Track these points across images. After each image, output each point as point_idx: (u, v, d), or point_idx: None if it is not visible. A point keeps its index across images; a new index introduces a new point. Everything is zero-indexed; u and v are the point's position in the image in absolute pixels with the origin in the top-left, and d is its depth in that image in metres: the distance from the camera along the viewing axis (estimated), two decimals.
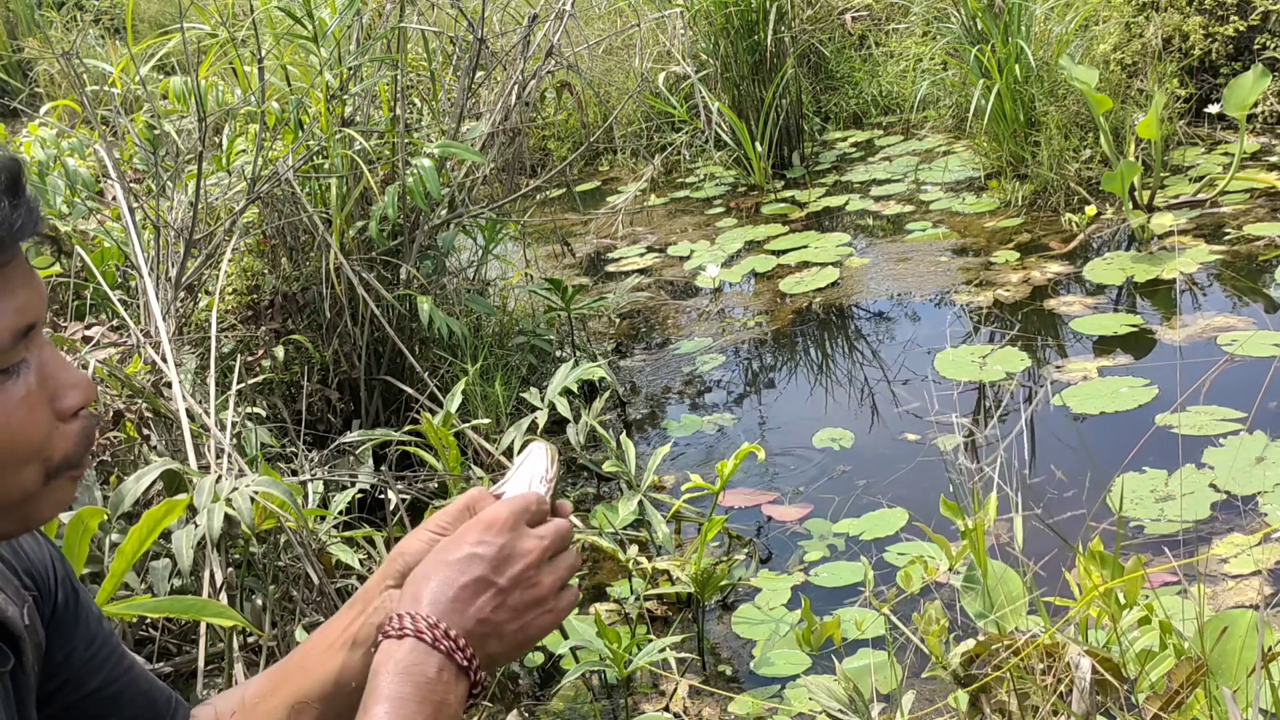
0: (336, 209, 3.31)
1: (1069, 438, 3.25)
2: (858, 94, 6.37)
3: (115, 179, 3.20)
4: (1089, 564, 1.79)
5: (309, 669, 1.10)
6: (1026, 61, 4.71)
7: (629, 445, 2.92)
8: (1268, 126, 4.93)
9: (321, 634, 1.11)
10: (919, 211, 5.07)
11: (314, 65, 3.24)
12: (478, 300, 3.69)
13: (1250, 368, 3.33)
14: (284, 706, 1.10)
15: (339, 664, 1.08)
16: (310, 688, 1.09)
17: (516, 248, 4.80)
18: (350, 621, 1.09)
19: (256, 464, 2.60)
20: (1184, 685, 1.51)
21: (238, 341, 3.44)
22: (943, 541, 2.29)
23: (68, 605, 1.06)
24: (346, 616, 1.09)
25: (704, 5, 5.67)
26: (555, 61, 3.83)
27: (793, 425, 3.68)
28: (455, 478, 2.77)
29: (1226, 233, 4.21)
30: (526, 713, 2.57)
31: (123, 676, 1.10)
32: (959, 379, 3.64)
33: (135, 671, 1.12)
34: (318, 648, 1.10)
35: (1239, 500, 2.81)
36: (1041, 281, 4.19)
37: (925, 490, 3.11)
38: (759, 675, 2.62)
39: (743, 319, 4.45)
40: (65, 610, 1.06)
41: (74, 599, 1.07)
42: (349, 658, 1.08)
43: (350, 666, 1.07)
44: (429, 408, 3.22)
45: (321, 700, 1.09)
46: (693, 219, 5.58)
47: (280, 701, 1.10)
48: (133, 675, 1.11)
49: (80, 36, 6.68)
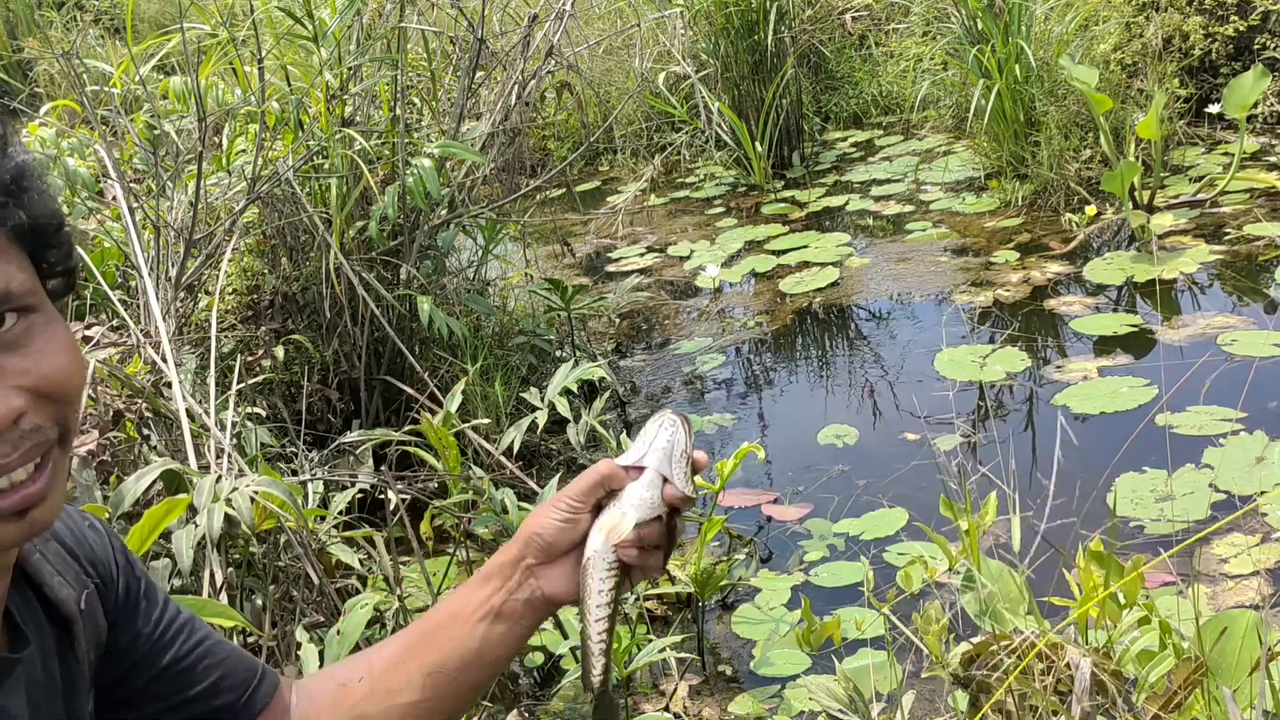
0: (336, 209, 3.31)
1: (1069, 438, 3.25)
2: (858, 94, 6.37)
3: (115, 179, 3.20)
4: (1088, 564, 1.79)
5: (444, 639, 1.13)
6: (1026, 61, 4.71)
7: (629, 445, 2.91)
8: (1268, 126, 4.93)
9: (452, 605, 1.14)
10: (919, 211, 5.07)
11: (314, 65, 3.24)
12: (478, 300, 3.69)
13: (1251, 368, 3.33)
14: (419, 674, 1.13)
15: (479, 635, 1.12)
16: (448, 657, 1.13)
17: (516, 248, 4.79)
18: (489, 595, 1.12)
19: (256, 464, 2.60)
20: (1183, 685, 1.51)
21: (238, 341, 3.44)
22: (942, 541, 2.29)
23: (129, 592, 1.08)
24: (482, 590, 1.13)
25: (704, 5, 5.67)
26: (555, 61, 3.83)
27: (793, 425, 3.68)
28: (455, 478, 2.77)
29: (1226, 233, 4.21)
30: (526, 713, 2.57)
31: (194, 651, 1.11)
32: (959, 379, 3.64)
33: (209, 645, 1.12)
34: (454, 619, 1.13)
35: (1239, 500, 2.81)
36: (1041, 281, 4.19)
37: (925, 490, 3.11)
38: (759, 675, 2.62)
39: (743, 319, 4.45)
40: (128, 597, 1.07)
41: (137, 585, 1.09)
42: (490, 630, 1.12)
43: (492, 639, 1.12)
44: (429, 408, 3.22)
45: (460, 669, 1.13)
46: (693, 219, 5.58)
47: (415, 669, 1.13)
48: (206, 649, 1.12)
49: (80, 36, 6.68)
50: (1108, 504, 2.85)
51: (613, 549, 1.10)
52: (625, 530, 1.10)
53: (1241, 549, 2.66)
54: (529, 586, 1.12)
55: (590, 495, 1.12)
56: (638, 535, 1.11)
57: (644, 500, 1.12)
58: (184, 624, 1.12)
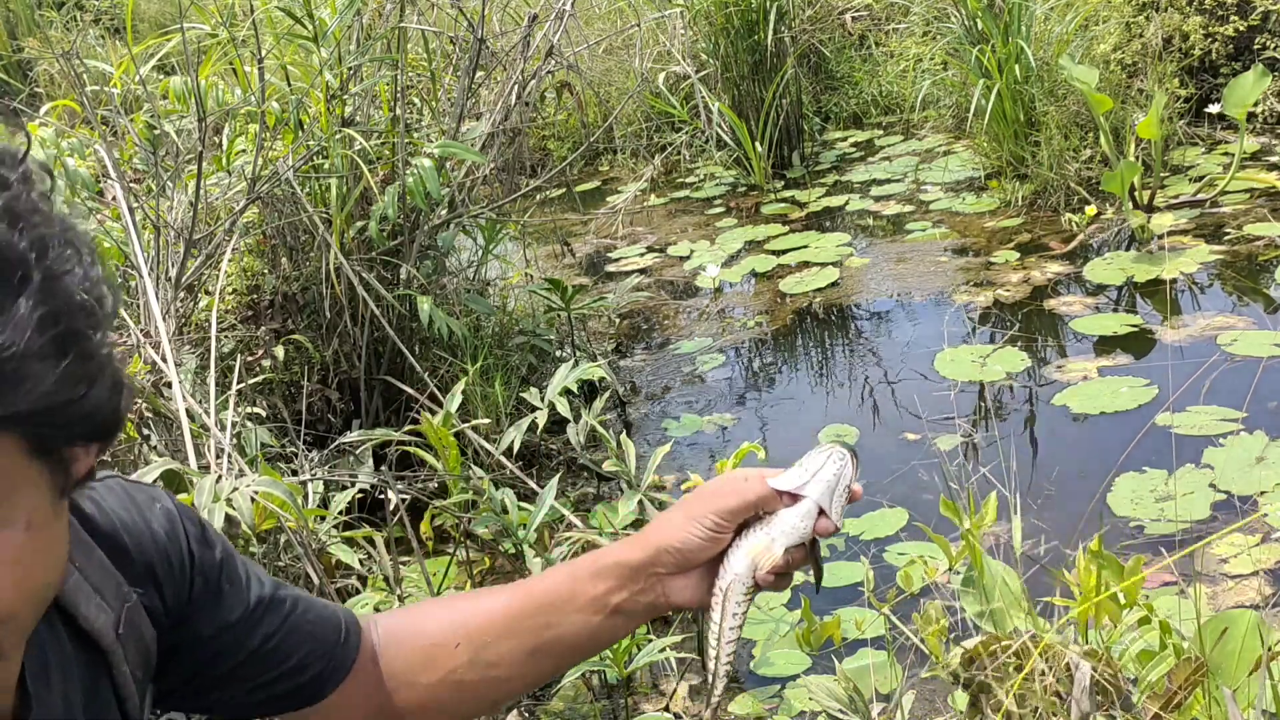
0: (336, 209, 3.31)
1: (1069, 438, 3.25)
2: (858, 94, 6.37)
3: (115, 179, 3.20)
4: (1088, 564, 1.79)
5: (554, 623, 1.13)
6: (1026, 61, 4.71)
7: (629, 445, 2.92)
8: (1268, 126, 4.93)
9: (558, 588, 1.14)
10: (919, 211, 5.07)
11: (314, 65, 3.24)
12: (478, 300, 3.69)
13: (1251, 367, 3.33)
14: (522, 652, 1.14)
15: (594, 626, 1.13)
16: (559, 640, 1.14)
17: (516, 248, 4.79)
18: (607, 592, 1.12)
19: (256, 464, 2.60)
20: (1184, 685, 1.51)
21: (238, 341, 3.44)
22: (942, 542, 2.29)
23: (207, 582, 1.04)
24: (597, 584, 1.12)
25: (704, 5, 5.67)
26: (555, 61, 3.83)
27: (793, 425, 3.68)
28: (455, 478, 2.77)
29: (1226, 233, 4.21)
30: (526, 713, 2.57)
31: (283, 627, 1.08)
32: (959, 379, 3.64)
33: (297, 617, 1.10)
34: (564, 604, 1.13)
35: (1238, 500, 2.81)
36: (1041, 281, 4.19)
37: (925, 490, 3.11)
38: (759, 675, 2.62)
39: (743, 319, 4.45)
40: (206, 587, 1.04)
41: (216, 572, 1.05)
42: (606, 623, 1.13)
43: (604, 631, 1.14)
44: (429, 408, 3.22)
45: (567, 653, 1.15)
46: (693, 219, 5.58)
47: (518, 647, 1.13)
48: (295, 622, 1.09)
49: (80, 36, 6.68)
50: (1108, 504, 2.85)
51: (753, 574, 1.10)
52: (775, 557, 1.09)
53: (1241, 549, 2.66)
54: (655, 592, 1.12)
55: (740, 516, 1.10)
56: (785, 563, 1.10)
57: (795, 529, 1.10)
58: (272, 603, 1.08)
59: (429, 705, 1.16)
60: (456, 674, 1.13)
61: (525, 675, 1.15)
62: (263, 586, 1.09)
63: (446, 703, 1.16)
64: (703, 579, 1.12)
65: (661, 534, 1.11)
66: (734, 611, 1.11)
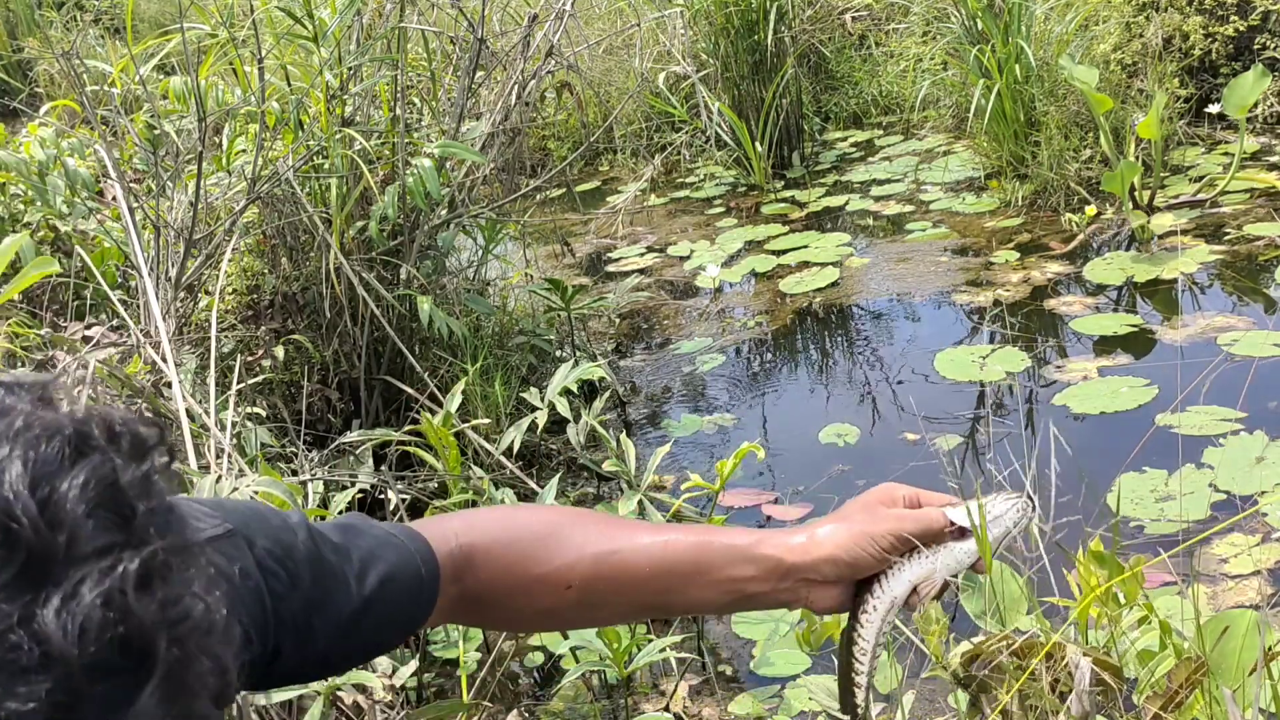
0: (336, 209, 3.31)
1: (1069, 438, 3.25)
2: (858, 94, 6.37)
3: (115, 179, 3.21)
4: (1088, 564, 1.79)
5: (679, 590, 1.10)
6: (1026, 61, 4.71)
7: (629, 445, 2.92)
8: (1268, 126, 4.93)
9: (700, 556, 1.10)
10: (919, 211, 5.07)
11: (314, 65, 3.24)
12: (478, 300, 3.69)
13: (1251, 367, 3.33)
14: (634, 607, 1.13)
15: (716, 603, 1.12)
16: (672, 605, 1.14)
17: (516, 248, 4.79)
18: (747, 579, 1.09)
19: (256, 464, 2.60)
20: (1184, 685, 1.51)
21: (238, 341, 3.44)
22: None
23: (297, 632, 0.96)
24: (740, 567, 1.09)
25: (704, 5, 5.67)
26: (555, 61, 3.83)
27: (793, 425, 3.68)
28: (455, 478, 2.77)
29: (1226, 233, 4.21)
30: (526, 713, 2.57)
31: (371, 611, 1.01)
32: (959, 379, 3.64)
33: (383, 606, 1.01)
34: (699, 574, 1.09)
35: (1239, 500, 2.81)
36: (1041, 281, 4.19)
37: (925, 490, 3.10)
38: (759, 675, 2.62)
39: (743, 319, 4.45)
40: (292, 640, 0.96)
41: (305, 616, 0.96)
42: (729, 602, 1.11)
43: (724, 608, 1.12)
44: (429, 408, 3.22)
45: (675, 615, 1.16)
46: (693, 219, 5.58)
47: (632, 601, 1.12)
48: (382, 596, 1.01)
49: (80, 36, 6.68)
50: (1109, 504, 2.85)
51: (906, 599, 1.11)
52: (934, 588, 1.11)
53: (1241, 549, 2.66)
54: (796, 593, 1.11)
55: (909, 543, 1.10)
56: (939, 592, 1.12)
57: (959, 564, 1.12)
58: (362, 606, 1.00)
59: (509, 618, 1.13)
60: (556, 609, 1.10)
61: (623, 619, 1.14)
62: (350, 588, 1.00)
63: (529, 621, 1.14)
64: (847, 590, 1.12)
65: (831, 544, 1.09)
66: (879, 629, 1.12)
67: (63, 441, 0.58)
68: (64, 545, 0.55)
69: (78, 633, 0.53)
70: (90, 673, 0.54)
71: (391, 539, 1.07)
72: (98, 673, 0.54)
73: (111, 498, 0.58)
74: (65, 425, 0.59)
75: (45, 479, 0.57)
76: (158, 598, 0.57)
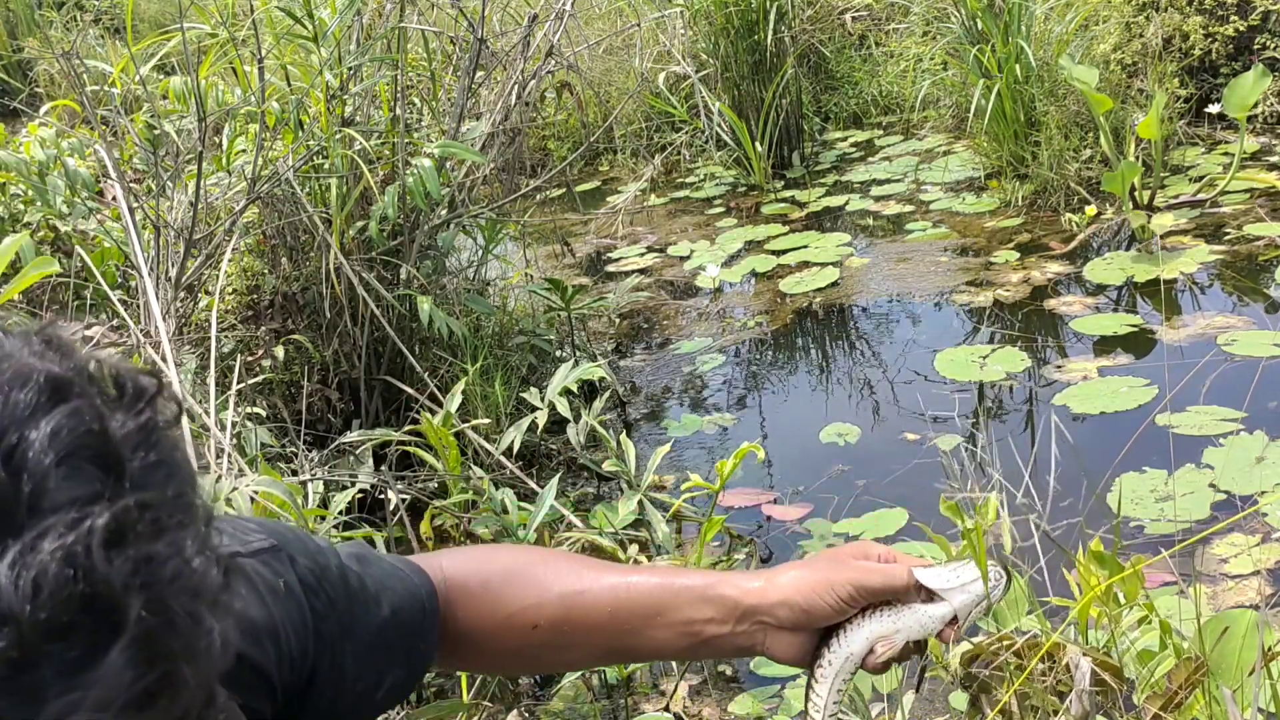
0: (336, 209, 3.31)
1: (1069, 438, 3.25)
2: (858, 94, 6.37)
3: (115, 179, 3.21)
4: (1088, 564, 1.79)
5: (639, 631, 1.08)
6: (1026, 61, 4.71)
7: (629, 445, 2.92)
8: (1268, 126, 4.93)
9: (659, 597, 1.08)
10: (919, 211, 5.07)
11: (314, 65, 3.24)
12: (478, 300, 3.69)
13: (1251, 367, 3.33)
14: (599, 649, 1.10)
15: (675, 647, 1.09)
16: (634, 648, 1.10)
17: (516, 248, 4.79)
18: (704, 622, 1.07)
19: (256, 464, 2.60)
20: (1184, 685, 1.51)
21: (238, 341, 3.44)
22: (943, 541, 2.29)
23: (332, 656, 0.96)
24: (698, 609, 1.07)
25: (704, 5, 5.67)
26: (555, 61, 3.83)
27: (793, 425, 3.68)
28: (455, 478, 2.77)
29: (1226, 233, 4.21)
30: (526, 713, 2.57)
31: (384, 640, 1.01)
32: (959, 379, 3.64)
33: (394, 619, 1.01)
34: (658, 616, 1.07)
35: (1239, 500, 2.81)
36: (1041, 281, 4.19)
37: (925, 490, 3.11)
38: (759, 675, 2.62)
39: (743, 319, 4.45)
40: (327, 664, 0.95)
41: (341, 639, 0.96)
42: (689, 647, 1.08)
43: (684, 653, 1.09)
44: (429, 408, 3.22)
45: (640, 659, 1.12)
46: (693, 219, 5.58)
47: (597, 643, 1.09)
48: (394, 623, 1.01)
49: (80, 36, 6.68)
50: (1109, 504, 2.85)
51: (865, 656, 1.08)
52: (894, 649, 1.07)
53: (1242, 549, 2.66)
54: (752, 638, 1.08)
55: (877, 597, 1.07)
56: (901, 655, 1.08)
57: (923, 628, 1.08)
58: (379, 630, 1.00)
59: (481, 660, 1.12)
60: (524, 650, 1.09)
61: (590, 661, 1.13)
62: (370, 615, 1.00)
63: (499, 662, 1.13)
64: (808, 640, 1.09)
65: (789, 588, 1.07)
66: (839, 688, 1.08)
67: (36, 388, 0.55)
68: (27, 497, 0.52)
69: (30, 589, 0.51)
70: (46, 632, 0.51)
71: (398, 571, 1.06)
72: (55, 632, 0.51)
73: (91, 447, 0.55)
74: (38, 370, 0.56)
75: (14, 426, 0.53)
76: (130, 555, 0.53)
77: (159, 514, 0.56)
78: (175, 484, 0.59)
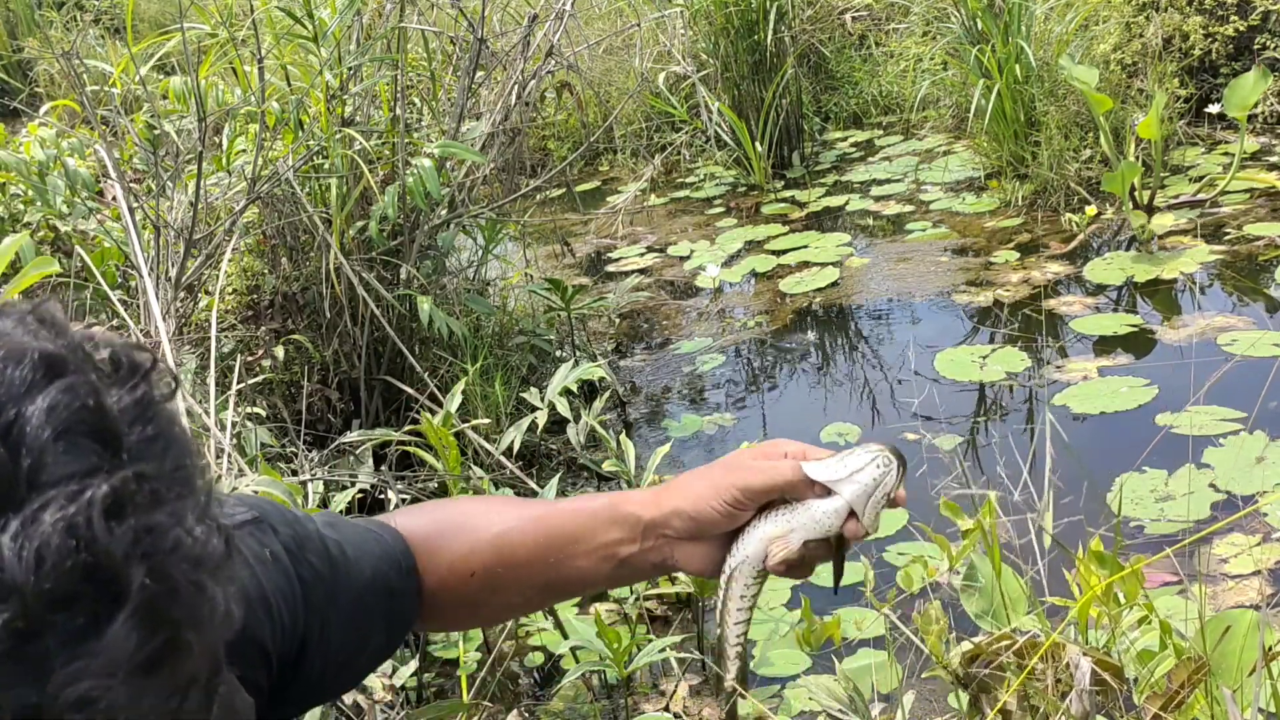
0: (336, 209, 3.31)
1: (1069, 438, 3.25)
2: (858, 94, 6.37)
3: (115, 179, 3.21)
4: (1088, 564, 1.79)
5: (565, 563, 1.07)
6: (1026, 61, 4.71)
7: (629, 445, 2.92)
8: (1268, 126, 4.93)
9: (575, 523, 1.07)
10: (919, 211, 5.07)
11: (314, 65, 3.24)
12: (478, 300, 3.69)
13: (1251, 367, 3.33)
14: (534, 587, 1.09)
15: (603, 574, 1.07)
16: (566, 580, 1.08)
17: (516, 248, 4.79)
18: (616, 542, 1.05)
19: (256, 464, 2.60)
20: (1184, 685, 1.51)
21: (238, 341, 3.44)
22: (943, 541, 2.29)
23: (323, 625, 0.97)
24: (609, 531, 1.05)
25: (704, 5, 5.67)
26: (555, 61, 3.83)
27: (793, 425, 3.68)
28: (455, 478, 2.77)
29: (1226, 233, 4.21)
30: (526, 713, 2.57)
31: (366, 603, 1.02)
32: (959, 379, 3.64)
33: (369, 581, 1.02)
34: (577, 543, 1.06)
35: (1240, 500, 2.81)
36: (1041, 281, 4.19)
37: (925, 490, 3.11)
38: (759, 675, 2.62)
39: (743, 319, 4.45)
40: (318, 634, 0.97)
41: (332, 609, 0.97)
42: (613, 571, 1.06)
43: (617, 580, 1.08)
44: (429, 408, 3.22)
45: (572, 591, 1.09)
46: (693, 219, 5.58)
47: (530, 580, 1.08)
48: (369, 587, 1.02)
49: (80, 36, 6.68)
50: (1108, 504, 2.85)
51: (764, 560, 1.03)
52: (790, 548, 1.02)
53: (1242, 549, 2.66)
54: (661, 553, 1.05)
55: (764, 497, 1.03)
56: (800, 555, 1.03)
57: (818, 524, 1.03)
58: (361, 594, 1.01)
59: (439, 618, 1.12)
60: (469, 599, 1.09)
61: (533, 604, 1.11)
62: (351, 580, 1.01)
63: (454, 618, 1.12)
64: (717, 549, 1.06)
65: (679, 496, 1.04)
66: (741, 594, 1.04)
67: (31, 364, 0.56)
68: (27, 471, 0.53)
69: (34, 560, 0.52)
70: (50, 602, 0.52)
71: (371, 533, 1.07)
72: (58, 602, 0.52)
73: (88, 421, 0.56)
74: (32, 347, 0.57)
75: (11, 403, 0.55)
76: (131, 525, 0.55)
77: (158, 485, 0.57)
78: (173, 456, 0.60)
